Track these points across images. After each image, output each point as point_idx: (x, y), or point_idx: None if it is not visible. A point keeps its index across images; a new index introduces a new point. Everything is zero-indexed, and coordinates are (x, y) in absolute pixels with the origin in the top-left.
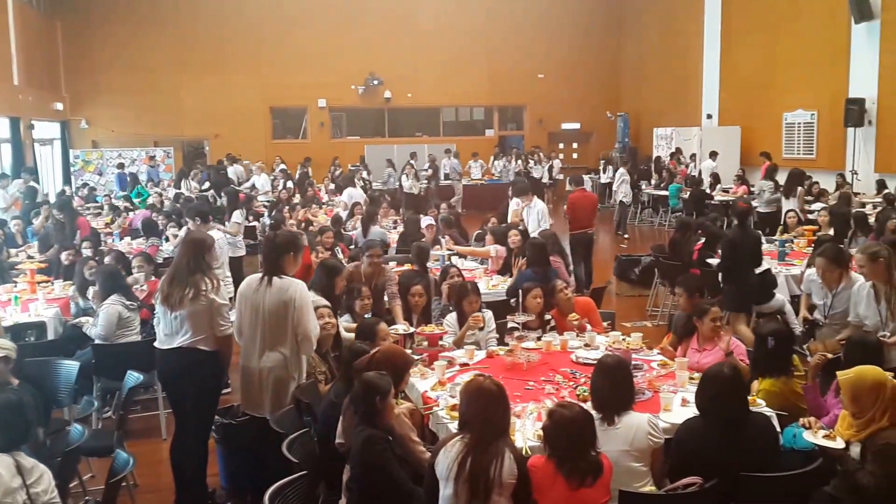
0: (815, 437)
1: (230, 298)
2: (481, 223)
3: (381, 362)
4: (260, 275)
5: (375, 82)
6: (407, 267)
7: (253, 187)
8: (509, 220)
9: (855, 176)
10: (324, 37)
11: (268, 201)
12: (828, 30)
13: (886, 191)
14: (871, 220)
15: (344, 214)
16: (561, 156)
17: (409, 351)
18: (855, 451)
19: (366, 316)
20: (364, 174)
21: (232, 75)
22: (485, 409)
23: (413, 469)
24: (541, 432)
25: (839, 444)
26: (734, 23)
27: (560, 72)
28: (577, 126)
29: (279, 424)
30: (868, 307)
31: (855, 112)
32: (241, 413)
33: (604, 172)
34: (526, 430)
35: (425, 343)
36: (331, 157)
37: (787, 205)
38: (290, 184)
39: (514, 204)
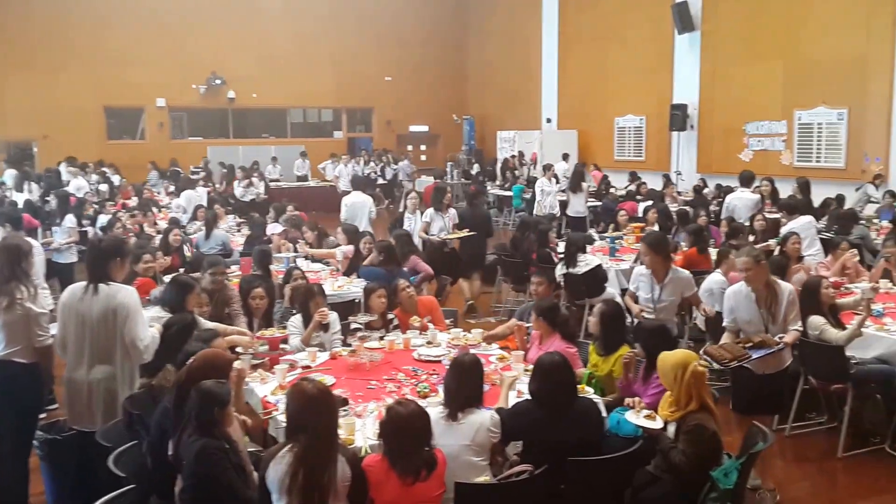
0: (636, 417)
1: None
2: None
3: (204, 369)
4: (84, 283)
5: (218, 81)
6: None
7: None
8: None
9: (679, 176)
10: (162, 34)
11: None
12: (654, 40)
13: (706, 189)
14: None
15: (184, 218)
16: (410, 157)
17: (249, 356)
18: (671, 430)
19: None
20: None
21: (62, 72)
22: (309, 415)
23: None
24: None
25: (658, 423)
26: (569, 33)
27: (408, 75)
28: (425, 128)
29: (107, 438)
30: (749, 311)
31: (679, 117)
32: (67, 428)
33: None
34: (366, 430)
35: (265, 347)
36: (171, 159)
37: (575, 199)
38: (103, 187)
39: (427, 216)
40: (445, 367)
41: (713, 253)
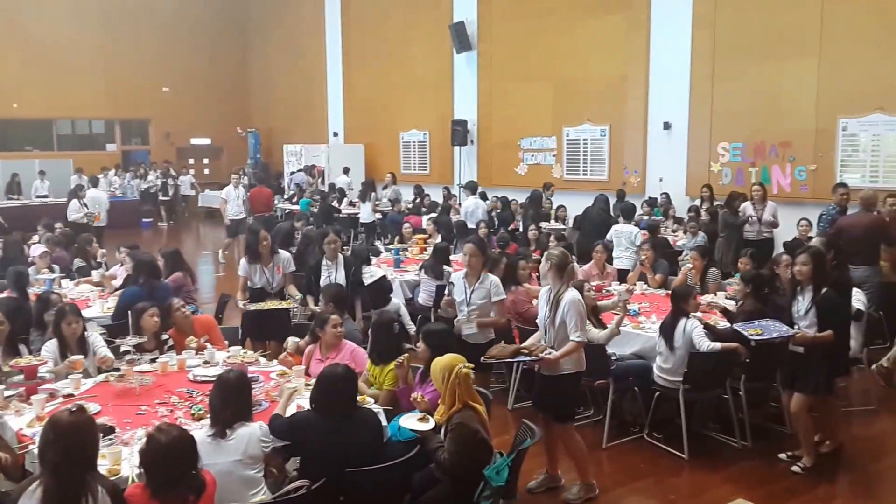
0: (410, 421)
1: None
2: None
3: None
4: None
5: None
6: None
7: None
8: None
9: (462, 189)
10: None
11: None
12: (434, 58)
13: (489, 200)
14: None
15: None
16: (192, 171)
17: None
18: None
19: None
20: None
21: None
22: (62, 445)
23: None
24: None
25: (429, 425)
26: (353, 48)
27: (186, 86)
28: (207, 141)
29: None
30: (543, 311)
31: (460, 132)
32: None
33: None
34: (134, 459)
35: (20, 377)
36: None
37: (364, 207)
38: None
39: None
40: None
41: None
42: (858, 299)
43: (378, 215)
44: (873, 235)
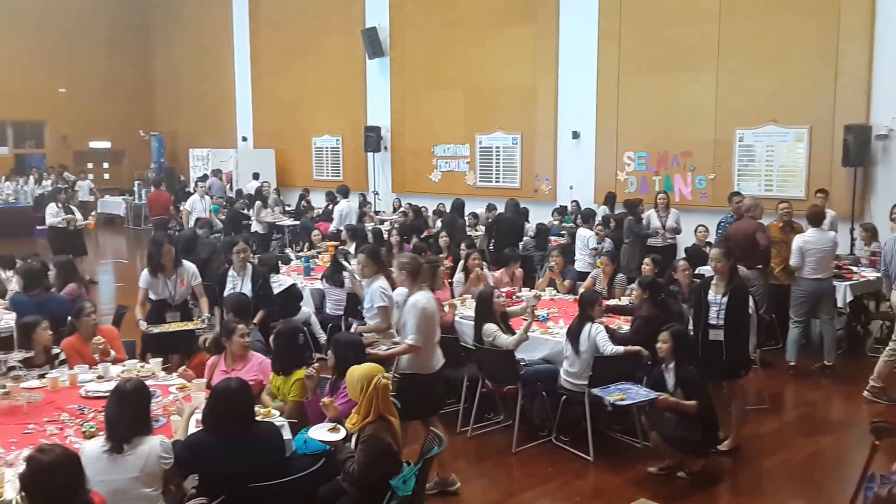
0: (319, 432)
1: None
2: None
3: None
4: None
5: None
6: None
7: None
8: None
9: (377, 196)
10: None
11: None
12: (347, 64)
13: (401, 208)
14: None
15: None
16: (91, 176)
17: None
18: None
19: None
20: None
21: None
22: None
23: None
24: None
25: (340, 435)
26: (263, 52)
27: (85, 87)
28: (107, 145)
29: None
30: None
31: (373, 139)
32: None
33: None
34: (17, 482)
35: None
36: None
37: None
38: None
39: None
40: None
41: None
42: (749, 306)
43: (261, 227)
44: (750, 240)
